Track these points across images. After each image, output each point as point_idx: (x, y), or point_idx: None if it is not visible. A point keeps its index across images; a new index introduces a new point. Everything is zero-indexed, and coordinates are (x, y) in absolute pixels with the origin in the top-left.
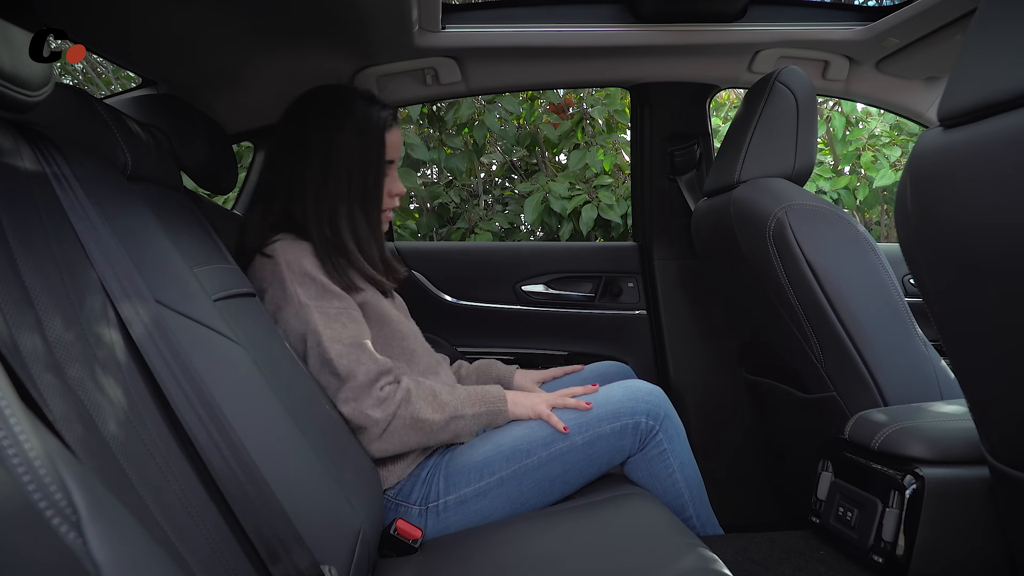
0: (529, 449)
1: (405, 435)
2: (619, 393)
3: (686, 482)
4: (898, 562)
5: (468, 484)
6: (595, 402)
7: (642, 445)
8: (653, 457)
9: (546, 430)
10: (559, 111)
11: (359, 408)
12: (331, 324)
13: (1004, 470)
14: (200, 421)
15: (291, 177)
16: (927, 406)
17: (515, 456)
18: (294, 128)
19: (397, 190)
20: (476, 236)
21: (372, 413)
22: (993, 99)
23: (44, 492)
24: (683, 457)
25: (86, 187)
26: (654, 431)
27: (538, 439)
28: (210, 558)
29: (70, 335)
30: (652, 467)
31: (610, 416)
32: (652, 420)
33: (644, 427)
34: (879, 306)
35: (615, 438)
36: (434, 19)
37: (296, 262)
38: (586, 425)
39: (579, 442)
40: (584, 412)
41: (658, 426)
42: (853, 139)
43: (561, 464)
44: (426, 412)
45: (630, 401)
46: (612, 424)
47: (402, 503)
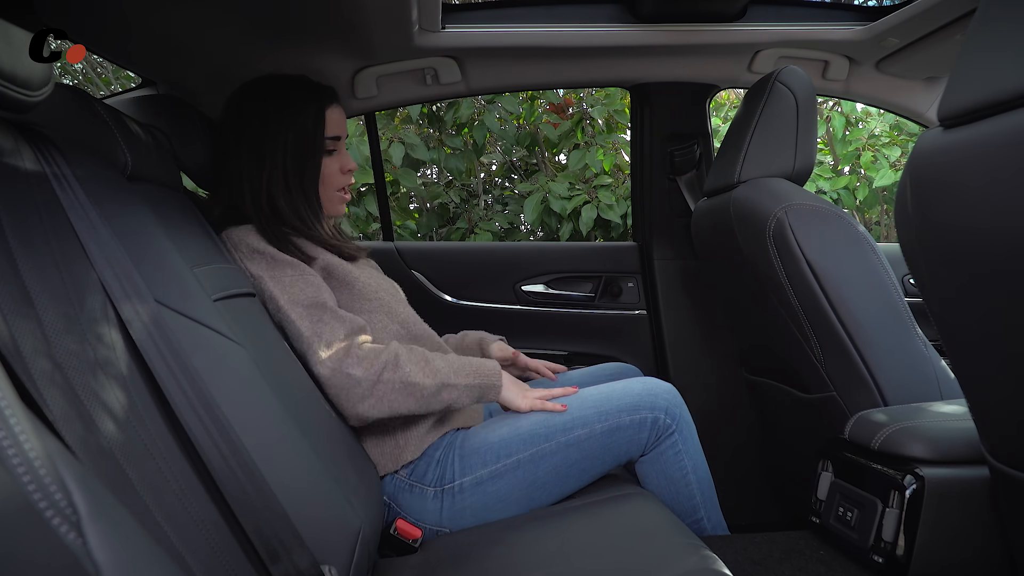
0: (548, 433)
1: (395, 398)
2: (639, 387)
3: (699, 484)
4: (898, 562)
5: (485, 465)
6: (615, 393)
7: (657, 442)
8: (669, 458)
9: (566, 416)
10: (559, 111)
11: (337, 368)
12: (286, 290)
13: (1004, 470)
14: (200, 421)
15: (229, 168)
16: (927, 406)
17: (533, 439)
18: (228, 120)
19: (349, 165)
20: (476, 236)
21: (352, 371)
22: (993, 99)
23: (44, 492)
24: (696, 459)
25: (86, 187)
26: (671, 429)
27: (557, 424)
28: (210, 558)
29: (70, 335)
30: (667, 468)
31: (630, 408)
32: (670, 418)
33: (662, 423)
34: (879, 306)
35: (633, 430)
36: (434, 19)
37: (242, 241)
38: (606, 414)
39: (599, 430)
40: (604, 401)
41: (675, 425)
42: (853, 139)
43: (579, 451)
44: (417, 376)
45: (649, 396)
46: (632, 416)
47: (416, 484)
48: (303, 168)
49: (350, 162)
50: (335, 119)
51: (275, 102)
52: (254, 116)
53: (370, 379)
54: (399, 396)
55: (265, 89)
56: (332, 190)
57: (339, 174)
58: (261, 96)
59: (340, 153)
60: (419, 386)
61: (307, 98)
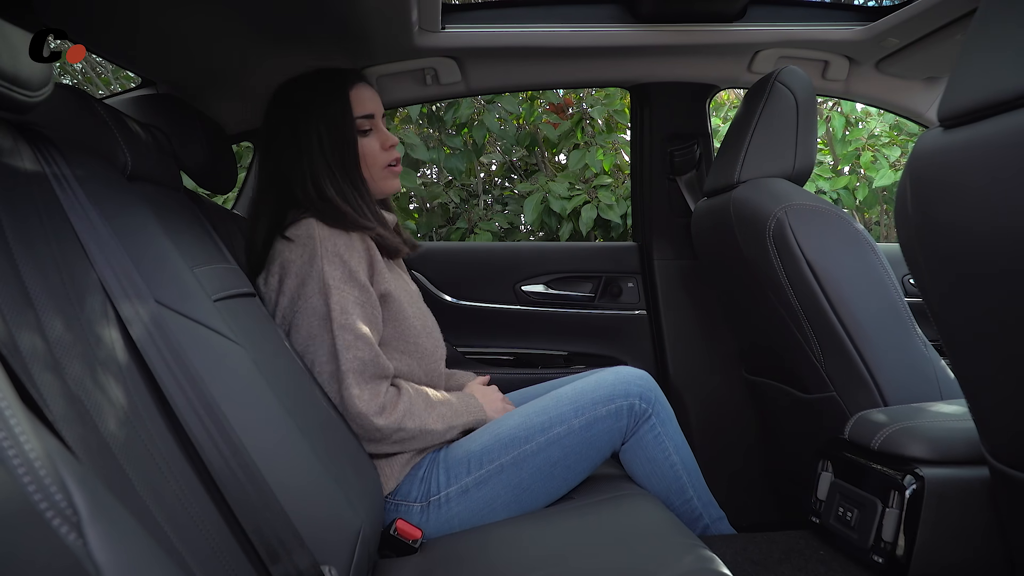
0: (527, 436)
1: (410, 444)
2: (611, 377)
3: (683, 464)
4: (898, 562)
5: (468, 474)
6: (588, 387)
7: (636, 427)
8: (649, 442)
9: (543, 417)
10: (559, 111)
11: (361, 411)
12: (346, 312)
13: (1004, 470)
14: (200, 421)
15: (276, 164)
16: (927, 406)
17: (513, 443)
18: (268, 122)
19: (389, 141)
20: (476, 236)
21: (377, 422)
22: (993, 99)
23: (44, 493)
24: (676, 440)
25: (86, 187)
26: (647, 413)
27: (536, 425)
28: (210, 558)
29: (70, 335)
30: (649, 452)
31: (605, 399)
32: (644, 403)
33: (638, 408)
34: (879, 306)
35: (611, 419)
36: (434, 19)
37: (331, 240)
38: (583, 408)
39: (576, 425)
40: (579, 396)
41: (651, 409)
42: (853, 139)
43: (560, 448)
44: (431, 423)
45: (622, 384)
46: (607, 406)
47: (401, 503)
48: (343, 154)
49: (390, 137)
50: (363, 98)
51: (303, 94)
52: (284, 119)
53: (391, 428)
54: (414, 442)
55: (291, 87)
56: (378, 168)
57: (381, 151)
58: (289, 94)
59: (377, 131)
60: (433, 432)
61: (331, 86)
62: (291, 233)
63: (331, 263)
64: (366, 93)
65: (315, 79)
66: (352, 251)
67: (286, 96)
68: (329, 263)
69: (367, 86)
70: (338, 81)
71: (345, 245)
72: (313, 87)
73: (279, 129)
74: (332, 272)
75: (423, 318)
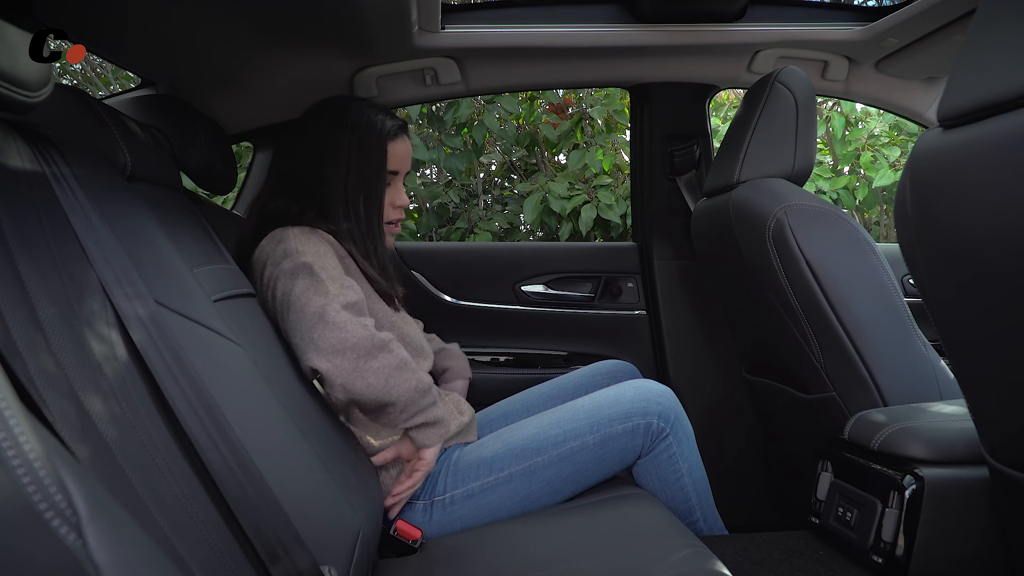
0: (540, 447)
1: (387, 373)
2: (630, 393)
3: (694, 486)
4: (898, 562)
5: (476, 479)
6: (606, 402)
7: (652, 446)
8: (663, 461)
9: (557, 430)
10: (558, 111)
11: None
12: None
13: (1004, 471)
14: (200, 421)
15: (293, 175)
16: (927, 406)
17: (525, 454)
18: (301, 130)
19: (400, 201)
20: (476, 236)
21: (353, 329)
22: (993, 99)
23: (44, 493)
24: (692, 461)
25: (85, 187)
26: (665, 433)
27: (549, 438)
28: (210, 559)
29: (69, 336)
30: (661, 471)
31: (622, 416)
32: (663, 422)
33: (655, 428)
34: (879, 306)
35: (627, 438)
36: (434, 19)
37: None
38: (598, 424)
39: (591, 442)
40: (596, 411)
41: (669, 428)
42: (852, 139)
43: (572, 464)
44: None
45: (641, 402)
46: (624, 424)
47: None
48: (364, 188)
49: (402, 197)
50: (398, 152)
51: (348, 120)
52: (324, 128)
53: (367, 338)
54: (394, 372)
55: (335, 112)
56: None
57: (389, 208)
58: (334, 112)
59: (394, 187)
60: (413, 369)
61: (379, 123)
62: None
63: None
64: (403, 149)
65: (363, 111)
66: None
67: (328, 113)
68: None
69: (406, 140)
70: (386, 130)
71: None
72: (356, 123)
73: (311, 144)
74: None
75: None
